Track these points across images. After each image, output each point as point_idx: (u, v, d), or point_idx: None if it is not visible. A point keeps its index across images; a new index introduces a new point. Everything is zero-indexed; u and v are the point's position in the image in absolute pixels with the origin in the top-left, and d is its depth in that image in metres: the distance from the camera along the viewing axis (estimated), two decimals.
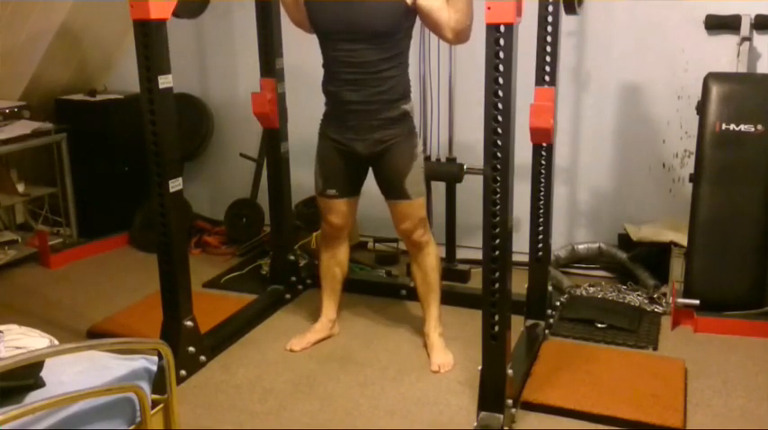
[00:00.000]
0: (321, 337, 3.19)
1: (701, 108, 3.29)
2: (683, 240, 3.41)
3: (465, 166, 3.66)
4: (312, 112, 3.02)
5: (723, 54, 3.48)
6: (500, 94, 2.26)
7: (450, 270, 3.77)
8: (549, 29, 2.94)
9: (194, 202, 4.52)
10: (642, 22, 3.60)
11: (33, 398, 1.73)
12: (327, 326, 3.22)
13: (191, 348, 2.93)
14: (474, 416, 2.54)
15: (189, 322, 2.92)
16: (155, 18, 2.60)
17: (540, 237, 3.14)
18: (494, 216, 2.36)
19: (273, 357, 3.08)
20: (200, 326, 2.98)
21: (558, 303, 3.43)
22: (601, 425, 2.58)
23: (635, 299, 3.51)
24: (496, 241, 2.38)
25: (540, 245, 3.15)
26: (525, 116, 2.76)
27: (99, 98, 4.39)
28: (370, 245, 4.21)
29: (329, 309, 3.23)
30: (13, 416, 1.57)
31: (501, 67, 2.24)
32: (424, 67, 3.70)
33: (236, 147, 4.45)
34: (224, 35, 4.39)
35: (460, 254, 3.88)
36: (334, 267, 3.19)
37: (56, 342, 1.89)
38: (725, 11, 3.43)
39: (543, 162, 3.05)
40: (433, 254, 3.04)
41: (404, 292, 3.58)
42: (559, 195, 3.71)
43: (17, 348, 1.79)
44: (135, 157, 4.08)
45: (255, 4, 3.35)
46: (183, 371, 2.87)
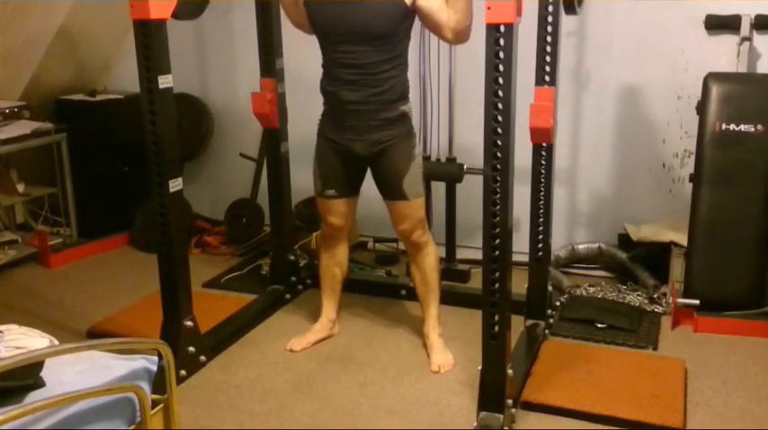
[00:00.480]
0: (321, 337, 3.19)
1: (700, 108, 3.29)
2: (683, 240, 3.41)
3: (465, 166, 3.66)
4: (312, 112, 3.02)
5: (723, 54, 3.48)
6: (500, 94, 2.26)
7: (450, 270, 3.77)
8: (549, 29, 2.94)
9: (194, 202, 4.52)
10: (642, 22, 3.60)
11: (33, 398, 1.72)
12: (327, 327, 3.22)
13: (191, 348, 2.93)
14: (474, 416, 2.54)
15: (189, 322, 2.92)
16: (155, 18, 2.60)
17: (540, 237, 3.14)
18: (494, 216, 2.36)
19: (273, 357, 3.08)
20: (200, 326, 2.98)
21: (558, 303, 3.43)
22: (601, 425, 2.58)
23: (635, 299, 3.51)
24: (496, 241, 2.38)
25: (540, 245, 3.15)
26: (525, 116, 2.76)
27: (99, 98, 4.39)
28: (370, 245, 4.21)
29: (329, 309, 3.23)
30: (13, 416, 1.57)
31: (501, 67, 2.24)
32: (424, 67, 3.70)
33: (236, 147, 4.45)
34: (224, 35, 4.39)
35: (460, 254, 3.88)
36: (334, 267, 3.19)
37: (56, 342, 1.89)
38: (725, 11, 3.43)
39: (543, 162, 3.05)
40: (432, 254, 3.04)
41: (404, 292, 3.58)
42: (559, 195, 3.71)
43: (17, 348, 1.79)
44: (135, 157, 4.08)
45: (255, 4, 3.35)
46: (183, 371, 2.87)
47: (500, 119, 2.28)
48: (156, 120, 2.72)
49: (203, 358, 3.00)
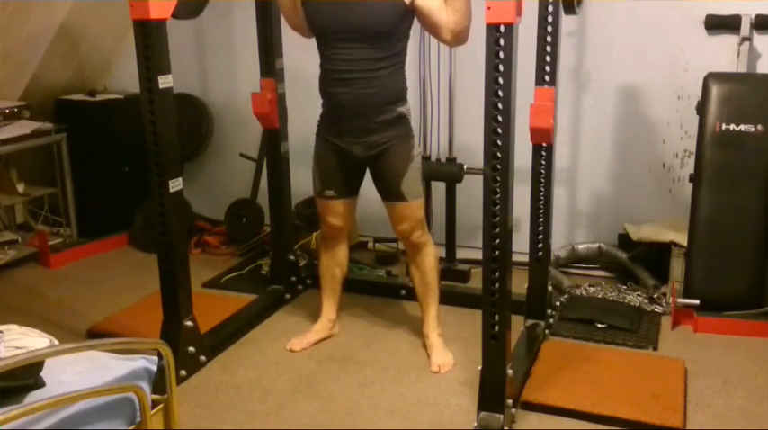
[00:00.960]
0: (321, 337, 3.19)
1: (701, 108, 3.29)
2: (683, 240, 3.41)
3: (465, 166, 3.66)
4: (312, 112, 3.01)
5: (723, 54, 3.48)
6: (500, 94, 2.26)
7: (451, 270, 3.77)
8: (549, 29, 2.94)
9: (194, 202, 4.52)
10: (642, 22, 3.60)
11: (33, 398, 1.72)
12: (327, 327, 3.22)
13: (191, 348, 2.93)
14: (474, 416, 2.54)
15: (189, 322, 2.92)
16: (155, 18, 2.60)
17: (540, 237, 3.14)
18: (494, 216, 2.36)
19: (273, 357, 3.08)
20: (200, 326, 2.98)
21: (558, 303, 3.43)
22: (601, 425, 2.58)
23: (635, 299, 3.51)
24: (496, 241, 2.38)
25: (540, 245, 3.15)
26: (525, 116, 2.76)
27: (99, 98, 4.39)
28: (370, 245, 4.21)
29: (329, 309, 3.23)
30: (13, 416, 1.57)
31: (501, 67, 2.24)
32: (424, 67, 3.70)
33: (236, 147, 4.45)
34: (224, 35, 4.39)
35: (460, 254, 3.88)
36: (334, 267, 3.19)
37: (56, 342, 1.89)
38: (725, 11, 3.43)
39: (543, 162, 3.05)
40: (431, 254, 3.04)
41: (404, 292, 3.57)
42: (559, 195, 3.71)
43: (17, 348, 1.79)
44: (135, 157, 4.08)
45: (255, 4, 3.35)
46: (183, 371, 2.87)
47: (500, 119, 2.28)
48: (156, 121, 2.72)
49: (203, 358, 3.00)
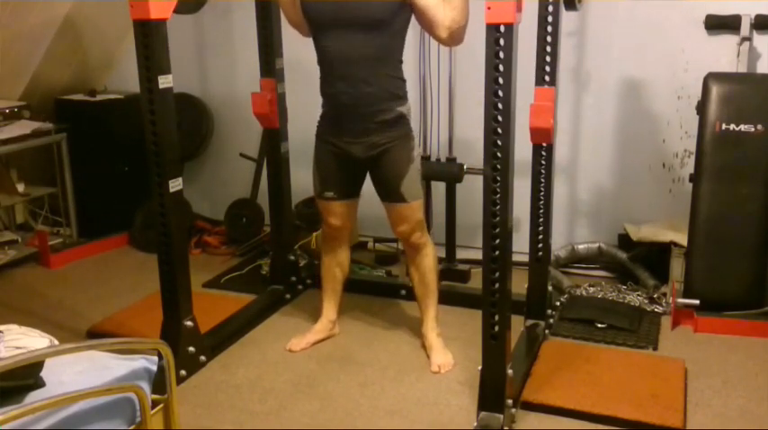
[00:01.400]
0: (321, 338, 3.19)
1: (701, 108, 3.29)
2: (683, 240, 3.41)
3: (465, 166, 3.66)
4: (312, 113, 3.01)
5: (723, 54, 3.48)
6: (500, 94, 2.26)
7: (451, 270, 3.77)
8: (549, 29, 2.94)
9: (194, 202, 4.52)
10: (642, 22, 3.60)
11: (33, 398, 1.72)
12: (328, 327, 3.22)
13: (191, 348, 2.93)
14: (474, 416, 2.54)
15: (189, 322, 2.92)
16: (155, 18, 2.60)
17: (540, 237, 3.14)
18: (494, 216, 2.36)
19: (273, 357, 3.08)
20: (200, 326, 2.98)
21: (558, 303, 3.43)
22: (601, 425, 2.58)
23: (635, 299, 3.51)
24: (496, 241, 2.38)
25: (540, 245, 3.15)
26: (525, 116, 2.76)
27: (99, 98, 4.40)
28: (370, 245, 4.21)
29: (329, 309, 3.23)
30: (13, 416, 1.57)
31: (501, 67, 2.24)
32: (424, 66, 3.70)
33: (236, 147, 4.45)
34: (224, 35, 4.39)
35: (460, 254, 3.88)
36: (335, 268, 3.19)
37: (56, 342, 1.89)
38: (725, 11, 3.43)
39: (543, 162, 3.05)
40: (430, 255, 3.03)
41: (404, 292, 3.57)
42: (559, 195, 3.71)
43: (17, 348, 1.79)
44: (135, 157, 4.08)
45: (255, 4, 3.35)
46: (183, 371, 2.87)
47: (500, 119, 2.28)
48: (156, 121, 2.72)
49: (203, 358, 3.00)
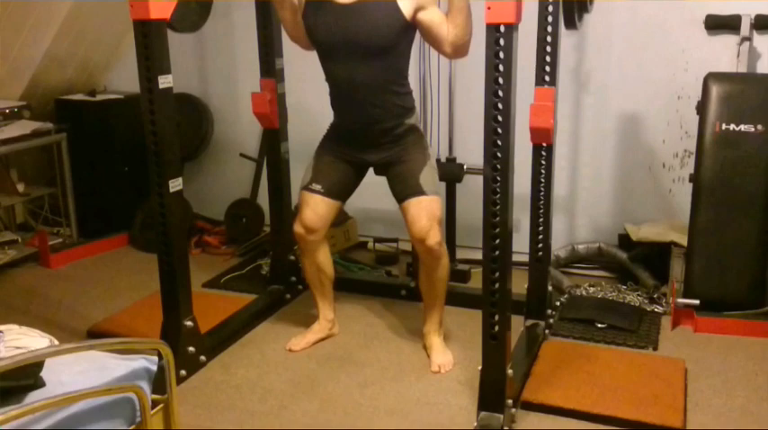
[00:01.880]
0: (321, 337, 3.19)
1: (700, 108, 3.29)
2: (683, 240, 3.41)
3: (465, 166, 3.66)
4: (312, 112, 3.02)
5: (723, 54, 3.48)
6: (500, 94, 2.26)
7: (451, 270, 3.76)
8: (549, 29, 2.94)
9: (194, 202, 4.52)
10: (642, 22, 3.60)
11: (33, 398, 1.73)
12: (327, 327, 3.22)
13: (191, 348, 2.93)
14: (474, 416, 2.54)
15: (189, 322, 2.92)
16: (155, 18, 2.60)
17: (540, 237, 3.14)
18: (494, 216, 2.36)
19: (273, 357, 3.08)
20: (200, 327, 2.98)
21: (558, 303, 3.43)
22: (601, 425, 2.58)
23: (635, 299, 3.51)
24: (496, 241, 2.38)
25: (540, 245, 3.15)
26: (525, 116, 2.76)
27: (99, 98, 4.40)
28: (370, 245, 4.20)
29: (325, 310, 3.22)
30: (13, 416, 1.57)
31: (501, 67, 2.24)
32: (424, 67, 3.70)
33: (236, 147, 4.45)
34: (224, 35, 4.39)
35: (460, 254, 3.88)
36: (318, 274, 3.12)
37: (56, 342, 1.90)
38: (725, 11, 3.43)
39: (543, 162, 3.05)
40: (445, 266, 2.96)
41: (404, 292, 3.58)
42: (559, 195, 3.71)
43: (17, 348, 1.80)
44: (135, 157, 4.08)
45: (255, 4, 3.35)
46: (183, 371, 2.87)
47: (500, 119, 2.28)
48: (156, 120, 2.72)
49: (203, 358, 3.00)
